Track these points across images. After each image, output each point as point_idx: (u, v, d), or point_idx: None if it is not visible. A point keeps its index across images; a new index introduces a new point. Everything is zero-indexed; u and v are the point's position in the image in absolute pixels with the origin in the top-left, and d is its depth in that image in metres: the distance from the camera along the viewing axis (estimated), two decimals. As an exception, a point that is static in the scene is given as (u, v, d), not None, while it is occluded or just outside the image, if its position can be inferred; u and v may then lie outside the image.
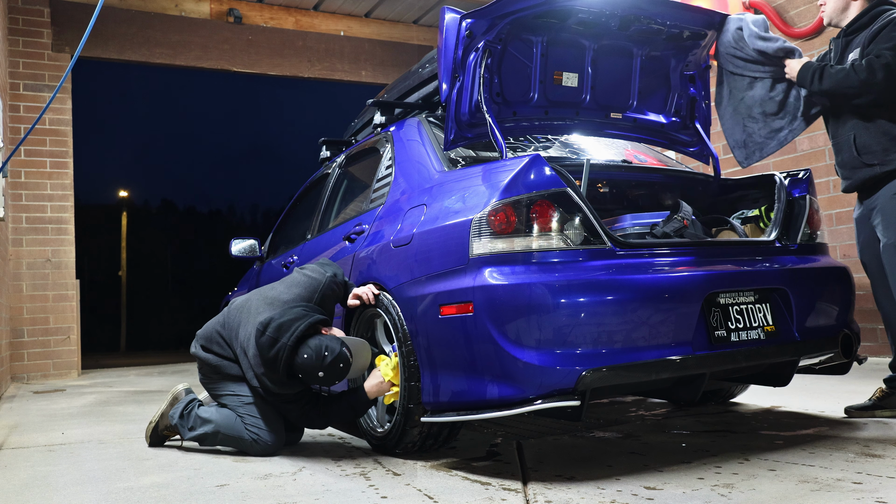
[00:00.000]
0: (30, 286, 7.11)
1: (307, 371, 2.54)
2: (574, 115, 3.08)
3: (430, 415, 2.39)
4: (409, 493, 2.08)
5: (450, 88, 2.73)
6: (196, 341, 2.95)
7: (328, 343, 2.53)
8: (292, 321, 2.62)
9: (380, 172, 3.15)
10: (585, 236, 2.26)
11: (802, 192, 2.82)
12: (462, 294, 2.23)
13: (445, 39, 2.72)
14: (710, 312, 2.35)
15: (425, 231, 2.50)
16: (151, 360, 11.93)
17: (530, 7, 2.65)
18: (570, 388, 2.08)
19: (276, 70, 8.31)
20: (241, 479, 2.36)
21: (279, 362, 2.59)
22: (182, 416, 2.89)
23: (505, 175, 2.30)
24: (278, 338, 2.59)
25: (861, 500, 1.83)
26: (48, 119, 7.19)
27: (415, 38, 8.91)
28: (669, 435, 2.82)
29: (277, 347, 2.59)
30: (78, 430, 3.57)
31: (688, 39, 3.06)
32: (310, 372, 2.54)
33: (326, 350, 2.51)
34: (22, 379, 6.98)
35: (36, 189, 7.17)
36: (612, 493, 2.00)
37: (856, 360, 2.75)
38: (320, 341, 2.54)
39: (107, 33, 7.55)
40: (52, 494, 2.26)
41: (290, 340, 2.57)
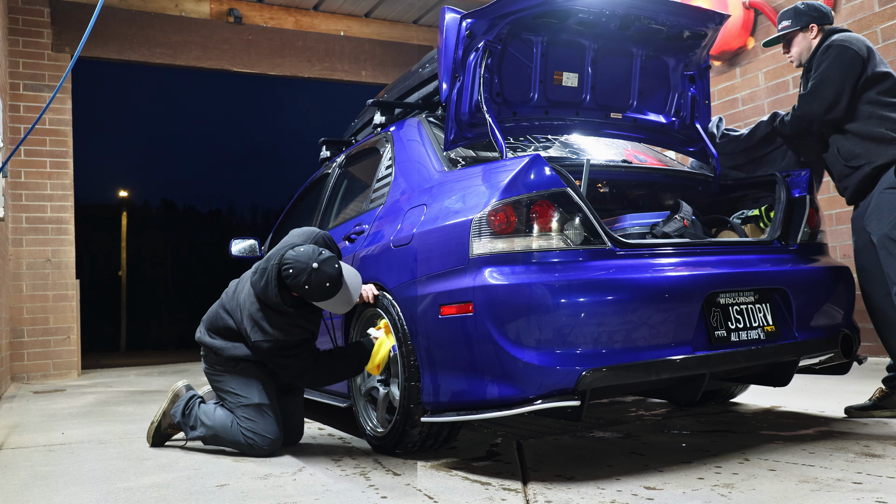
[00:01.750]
0: (30, 286, 7.11)
1: (294, 277, 2.51)
2: (574, 115, 3.08)
3: (430, 415, 2.39)
4: (409, 493, 2.08)
5: (450, 88, 2.73)
6: (201, 326, 2.95)
7: (322, 250, 2.56)
8: (278, 250, 2.65)
9: (380, 172, 3.15)
10: (585, 236, 2.26)
11: (802, 192, 2.82)
12: (462, 294, 2.23)
13: (445, 39, 2.72)
14: (710, 312, 2.35)
15: (425, 231, 2.50)
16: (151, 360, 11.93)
17: (530, 7, 2.65)
18: (570, 388, 2.08)
19: (276, 70, 8.31)
20: (241, 479, 2.36)
21: (269, 288, 2.58)
22: (184, 415, 2.89)
23: (505, 175, 2.30)
24: (266, 266, 2.63)
25: (861, 500, 1.83)
26: (48, 119, 7.19)
27: (415, 38, 8.91)
28: (669, 435, 2.82)
29: (267, 272, 2.60)
30: (78, 430, 3.57)
31: (688, 39, 3.06)
32: (297, 278, 2.51)
33: (319, 254, 2.52)
34: (22, 379, 6.98)
35: (36, 189, 7.17)
36: (612, 493, 2.00)
37: (856, 360, 2.75)
38: (313, 249, 2.55)
39: (107, 33, 7.55)
40: (52, 494, 2.26)
41: (277, 259, 2.60)
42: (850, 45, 2.87)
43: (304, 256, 2.53)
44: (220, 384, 2.85)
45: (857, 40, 2.92)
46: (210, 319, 2.91)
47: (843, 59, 2.86)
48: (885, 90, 2.86)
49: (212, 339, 2.86)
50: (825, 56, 2.91)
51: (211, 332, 2.88)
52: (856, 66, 2.85)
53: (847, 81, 2.85)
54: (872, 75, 2.85)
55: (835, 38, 2.95)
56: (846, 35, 2.95)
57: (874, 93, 2.85)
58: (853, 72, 2.85)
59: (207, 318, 2.94)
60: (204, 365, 2.92)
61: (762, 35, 6.37)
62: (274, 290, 2.59)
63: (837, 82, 2.86)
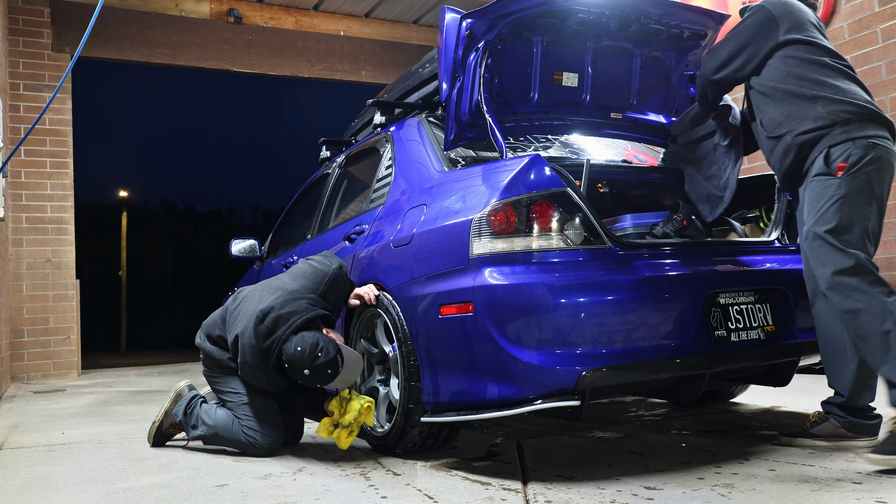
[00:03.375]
0: (30, 286, 7.11)
1: (295, 365, 2.51)
2: (574, 115, 3.09)
3: (430, 415, 2.39)
4: (409, 493, 2.08)
5: (450, 88, 2.73)
6: (201, 331, 2.95)
7: (325, 344, 2.51)
8: (292, 314, 2.61)
9: (380, 172, 3.15)
10: (585, 236, 2.26)
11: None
12: (462, 294, 2.23)
13: (445, 39, 2.72)
14: (710, 312, 2.35)
15: (425, 231, 2.50)
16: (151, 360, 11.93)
17: (530, 7, 2.65)
18: (570, 388, 2.08)
19: (276, 70, 8.31)
20: (241, 479, 2.36)
21: (272, 354, 2.59)
22: (186, 414, 2.89)
23: (505, 175, 2.30)
24: (275, 329, 2.59)
25: (861, 500, 1.83)
26: (48, 119, 7.19)
27: (415, 38, 8.91)
28: (669, 435, 2.82)
29: (272, 339, 2.58)
30: (78, 430, 3.57)
31: (688, 39, 3.06)
32: (297, 366, 2.51)
33: (321, 350, 2.49)
34: (22, 379, 6.98)
35: (36, 189, 7.16)
36: (612, 493, 2.00)
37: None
38: (317, 340, 2.52)
39: (107, 33, 7.54)
40: (52, 494, 2.26)
41: (284, 334, 2.57)
42: (764, 6, 2.53)
43: (307, 354, 2.50)
44: (219, 385, 2.86)
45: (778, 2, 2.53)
46: (209, 327, 2.92)
47: (753, 18, 2.53)
48: (805, 48, 2.44)
49: (210, 345, 2.87)
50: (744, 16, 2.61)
51: (210, 340, 2.89)
52: (765, 26, 2.48)
53: (750, 42, 2.50)
54: (790, 38, 2.45)
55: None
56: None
57: (792, 50, 2.44)
58: (761, 31, 2.48)
59: (207, 324, 2.95)
60: (203, 368, 2.92)
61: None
62: (275, 360, 2.61)
63: (736, 42, 2.54)
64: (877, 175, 2.28)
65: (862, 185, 2.26)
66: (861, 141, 2.27)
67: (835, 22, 5.73)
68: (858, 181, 2.26)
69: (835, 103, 2.31)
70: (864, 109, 2.31)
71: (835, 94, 2.33)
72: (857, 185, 2.26)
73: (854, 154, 2.26)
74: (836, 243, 2.24)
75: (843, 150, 2.28)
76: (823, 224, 2.28)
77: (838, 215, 2.26)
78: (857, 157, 2.26)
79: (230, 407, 2.80)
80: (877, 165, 2.27)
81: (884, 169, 2.30)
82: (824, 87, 2.35)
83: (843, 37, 5.68)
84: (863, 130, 2.29)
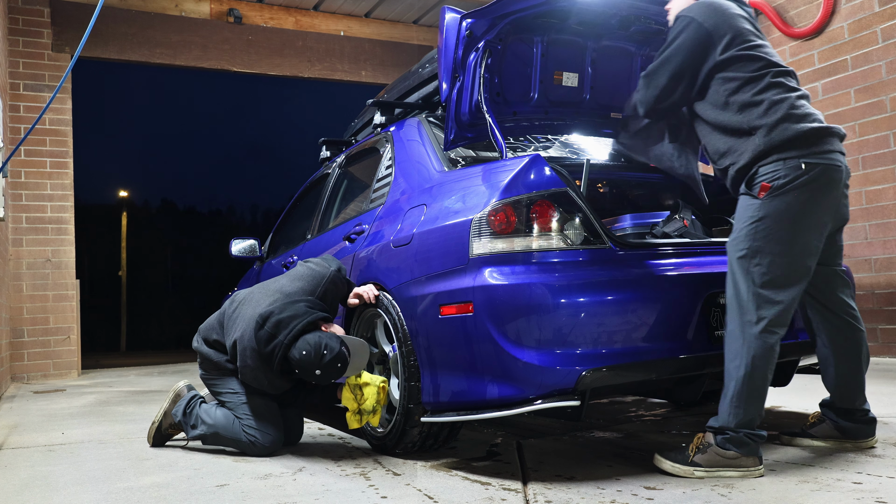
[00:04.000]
0: (30, 286, 7.11)
1: (304, 368, 2.53)
2: (574, 115, 3.08)
3: (430, 415, 2.39)
4: (409, 493, 2.08)
5: (450, 88, 2.73)
6: (198, 335, 2.96)
7: (327, 341, 2.52)
8: (292, 318, 2.61)
9: (380, 172, 3.15)
10: (585, 236, 2.26)
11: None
12: (462, 294, 2.23)
13: (445, 39, 2.72)
14: (711, 312, 2.35)
15: (425, 231, 2.50)
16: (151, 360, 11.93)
17: (530, 7, 2.65)
18: (570, 388, 2.08)
19: (276, 70, 8.31)
20: (241, 479, 2.36)
21: (274, 359, 2.59)
22: (185, 414, 2.89)
23: (505, 175, 2.30)
24: (276, 334, 2.59)
25: (861, 500, 1.83)
26: (48, 119, 7.19)
27: (415, 38, 8.91)
28: (669, 435, 2.82)
29: (274, 344, 2.59)
30: (78, 430, 3.57)
31: (688, 39, 3.05)
32: (307, 369, 2.53)
33: (325, 349, 2.50)
34: (22, 379, 6.98)
35: (36, 189, 7.17)
36: (612, 493, 2.00)
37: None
38: (319, 339, 2.53)
39: (107, 33, 7.55)
40: (52, 494, 2.26)
41: (286, 339, 2.57)
42: (695, 19, 2.28)
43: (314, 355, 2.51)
44: (218, 387, 2.86)
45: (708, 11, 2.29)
46: (206, 331, 2.93)
47: (686, 36, 2.28)
48: (743, 65, 2.24)
49: (208, 349, 2.88)
50: (673, 27, 2.36)
51: (207, 343, 2.90)
52: (700, 46, 2.27)
53: (688, 65, 2.29)
54: (729, 56, 2.25)
55: (685, 8, 2.37)
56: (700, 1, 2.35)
57: (732, 70, 2.25)
58: (697, 52, 2.27)
59: (204, 328, 2.95)
60: (201, 371, 2.93)
61: (762, 35, 6.37)
62: (279, 365, 2.63)
63: (673, 66, 2.31)
64: (806, 197, 2.12)
65: (783, 209, 2.12)
66: (792, 162, 2.12)
67: (835, 22, 5.73)
68: (780, 204, 2.12)
69: (773, 131, 2.15)
70: (803, 129, 2.14)
71: (774, 120, 2.16)
72: (779, 208, 2.12)
73: (781, 176, 2.12)
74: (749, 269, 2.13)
75: (770, 171, 2.14)
76: (736, 247, 2.17)
77: (748, 240, 2.14)
78: (784, 179, 2.12)
79: (229, 407, 2.80)
80: (809, 188, 2.12)
81: (820, 190, 2.14)
82: (765, 113, 2.18)
83: (843, 37, 5.68)
84: (798, 150, 2.13)
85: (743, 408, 2.11)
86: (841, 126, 2.67)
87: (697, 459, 2.13)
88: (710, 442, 2.15)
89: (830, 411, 2.45)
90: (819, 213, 2.17)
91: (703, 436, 2.19)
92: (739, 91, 2.23)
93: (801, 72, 5.99)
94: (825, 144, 2.17)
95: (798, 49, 6.03)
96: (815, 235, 2.17)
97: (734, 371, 2.13)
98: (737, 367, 2.13)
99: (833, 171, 2.17)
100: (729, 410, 2.13)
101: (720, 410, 2.16)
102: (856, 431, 2.40)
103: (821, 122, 2.20)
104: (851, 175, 5.53)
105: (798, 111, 2.18)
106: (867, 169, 5.46)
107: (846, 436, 2.41)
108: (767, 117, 2.17)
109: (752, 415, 2.12)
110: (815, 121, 2.19)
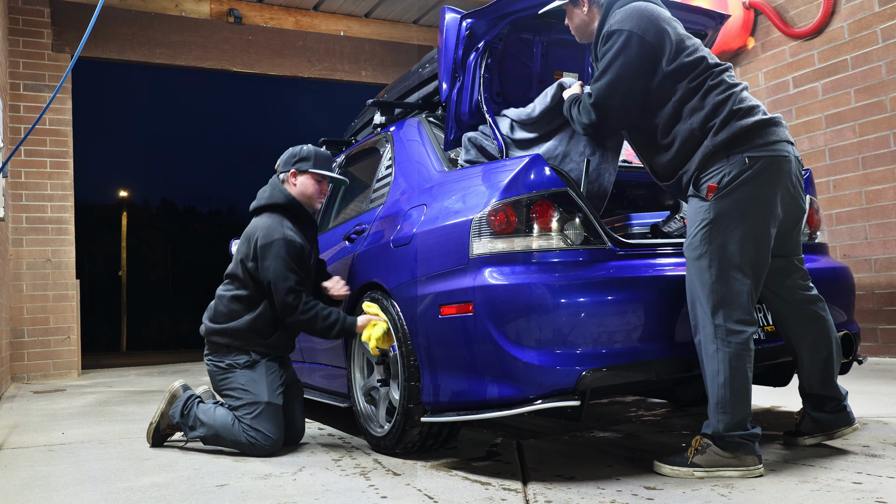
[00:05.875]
0: (30, 286, 7.11)
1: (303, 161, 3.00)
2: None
3: (430, 415, 2.39)
4: (409, 493, 2.08)
5: (450, 88, 2.73)
6: (204, 319, 2.99)
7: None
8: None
9: (380, 172, 3.15)
10: (585, 236, 2.26)
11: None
12: (462, 294, 2.23)
13: (445, 39, 2.72)
14: (710, 312, 2.34)
15: (425, 231, 2.50)
16: (152, 360, 11.93)
17: (530, 7, 2.65)
18: (570, 388, 2.08)
19: (276, 70, 8.31)
20: (241, 479, 2.36)
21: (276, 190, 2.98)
22: (183, 415, 2.89)
23: (505, 175, 2.30)
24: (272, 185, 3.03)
25: (861, 500, 1.83)
26: (48, 119, 7.19)
27: (415, 38, 8.91)
28: (669, 435, 2.82)
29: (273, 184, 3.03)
30: (78, 430, 3.57)
31: (688, 39, 3.05)
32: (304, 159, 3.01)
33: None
34: (22, 379, 6.98)
35: (36, 189, 7.17)
36: (612, 493, 2.00)
37: (856, 361, 2.74)
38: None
39: (107, 33, 7.55)
40: (52, 494, 2.26)
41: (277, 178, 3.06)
42: (633, 32, 2.20)
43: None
44: (227, 382, 2.85)
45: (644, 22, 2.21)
46: (208, 311, 2.97)
47: (629, 53, 2.20)
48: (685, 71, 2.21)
49: (217, 324, 2.89)
50: (610, 43, 2.24)
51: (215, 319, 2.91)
52: (647, 62, 2.21)
53: (635, 84, 2.22)
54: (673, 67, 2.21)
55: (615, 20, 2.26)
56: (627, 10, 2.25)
57: (673, 80, 2.22)
58: (644, 69, 2.21)
59: (209, 309, 2.99)
60: (209, 366, 2.92)
61: (762, 35, 6.37)
62: (283, 185, 2.96)
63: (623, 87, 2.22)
64: (753, 191, 2.11)
65: (732, 207, 2.11)
66: (735, 157, 2.11)
67: (835, 22, 5.74)
68: (728, 203, 2.11)
69: (721, 132, 2.13)
70: (747, 124, 2.12)
71: (720, 121, 2.14)
72: (727, 206, 2.11)
73: (726, 173, 2.11)
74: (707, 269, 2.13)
75: (714, 170, 2.14)
76: (692, 250, 2.17)
77: (703, 242, 2.14)
78: (729, 176, 2.11)
79: (231, 405, 2.80)
80: (756, 182, 2.11)
81: (767, 183, 2.13)
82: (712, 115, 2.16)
83: (843, 37, 5.68)
84: (742, 145, 2.12)
85: (730, 412, 2.10)
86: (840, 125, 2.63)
87: (697, 460, 2.13)
88: (709, 442, 2.15)
89: (806, 403, 2.43)
90: (769, 206, 2.16)
91: (701, 437, 2.19)
92: (683, 99, 2.20)
93: (801, 72, 5.99)
94: (769, 136, 2.16)
95: (798, 49, 6.03)
96: (767, 227, 2.17)
97: (714, 377, 2.11)
98: (715, 372, 2.11)
99: (780, 162, 2.16)
100: (717, 417, 2.12)
101: (709, 417, 2.15)
102: (829, 422, 2.37)
103: (764, 113, 2.19)
104: (851, 175, 5.55)
105: (742, 106, 2.17)
106: (867, 169, 5.46)
107: (822, 428, 2.39)
108: (714, 118, 2.16)
109: (741, 416, 2.11)
110: (759, 113, 2.17)
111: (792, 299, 2.35)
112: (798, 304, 2.35)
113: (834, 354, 2.36)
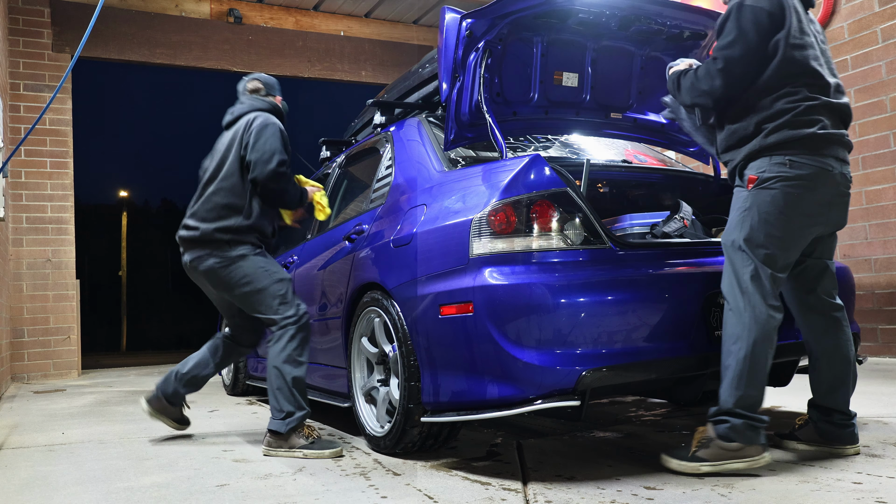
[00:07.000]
0: (30, 286, 7.11)
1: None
2: (574, 115, 3.08)
3: (430, 415, 2.39)
4: (409, 493, 2.08)
5: (450, 88, 2.73)
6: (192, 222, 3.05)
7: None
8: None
9: (380, 172, 3.15)
10: (585, 236, 2.26)
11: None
12: (462, 294, 2.23)
13: (446, 39, 2.72)
14: (710, 312, 2.35)
15: (425, 231, 2.50)
16: (152, 360, 11.93)
17: (530, 7, 2.65)
18: (570, 388, 2.08)
19: (276, 70, 8.31)
20: (241, 479, 2.36)
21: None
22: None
23: (505, 175, 2.30)
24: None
25: (861, 500, 1.83)
26: (48, 119, 7.19)
27: (415, 38, 8.91)
28: (669, 435, 2.82)
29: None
30: (78, 430, 3.57)
31: (688, 39, 3.06)
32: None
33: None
34: (22, 379, 6.98)
35: (36, 189, 7.17)
36: (612, 493, 2.00)
37: (856, 361, 2.74)
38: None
39: (107, 33, 7.55)
40: (52, 494, 2.26)
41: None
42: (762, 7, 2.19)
43: None
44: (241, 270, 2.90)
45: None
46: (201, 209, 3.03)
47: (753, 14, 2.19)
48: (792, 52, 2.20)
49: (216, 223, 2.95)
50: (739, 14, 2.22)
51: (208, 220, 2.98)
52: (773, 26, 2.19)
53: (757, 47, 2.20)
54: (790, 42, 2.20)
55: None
56: None
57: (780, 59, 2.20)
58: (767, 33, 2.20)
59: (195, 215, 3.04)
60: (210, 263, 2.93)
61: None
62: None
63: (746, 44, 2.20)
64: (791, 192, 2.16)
65: (769, 200, 2.17)
66: (778, 158, 2.17)
67: (835, 22, 5.73)
68: (766, 196, 2.17)
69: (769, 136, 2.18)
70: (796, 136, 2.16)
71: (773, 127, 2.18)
72: (765, 199, 2.18)
73: (767, 171, 2.18)
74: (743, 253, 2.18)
75: (757, 165, 2.20)
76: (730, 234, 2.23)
77: (740, 227, 2.20)
78: (769, 174, 2.17)
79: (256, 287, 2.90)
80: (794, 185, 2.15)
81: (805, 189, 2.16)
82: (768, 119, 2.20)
83: (843, 37, 5.68)
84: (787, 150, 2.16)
85: (743, 389, 2.12)
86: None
87: (701, 454, 2.14)
88: (712, 436, 2.14)
89: (814, 411, 2.41)
90: (805, 210, 2.19)
91: (703, 430, 2.19)
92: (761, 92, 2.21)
93: (801, 72, 5.98)
94: (818, 149, 2.18)
95: (798, 49, 6.02)
96: (801, 230, 2.21)
97: (735, 352, 2.14)
98: (738, 348, 2.13)
99: (822, 174, 2.18)
100: (729, 391, 2.13)
101: (721, 394, 2.16)
102: (834, 435, 2.35)
103: (823, 128, 2.19)
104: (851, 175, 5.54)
105: (803, 118, 2.18)
106: (867, 169, 5.46)
107: (825, 439, 2.37)
108: (770, 122, 2.19)
109: (753, 397, 2.12)
110: (816, 127, 2.18)
111: (819, 307, 2.37)
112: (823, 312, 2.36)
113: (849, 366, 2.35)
